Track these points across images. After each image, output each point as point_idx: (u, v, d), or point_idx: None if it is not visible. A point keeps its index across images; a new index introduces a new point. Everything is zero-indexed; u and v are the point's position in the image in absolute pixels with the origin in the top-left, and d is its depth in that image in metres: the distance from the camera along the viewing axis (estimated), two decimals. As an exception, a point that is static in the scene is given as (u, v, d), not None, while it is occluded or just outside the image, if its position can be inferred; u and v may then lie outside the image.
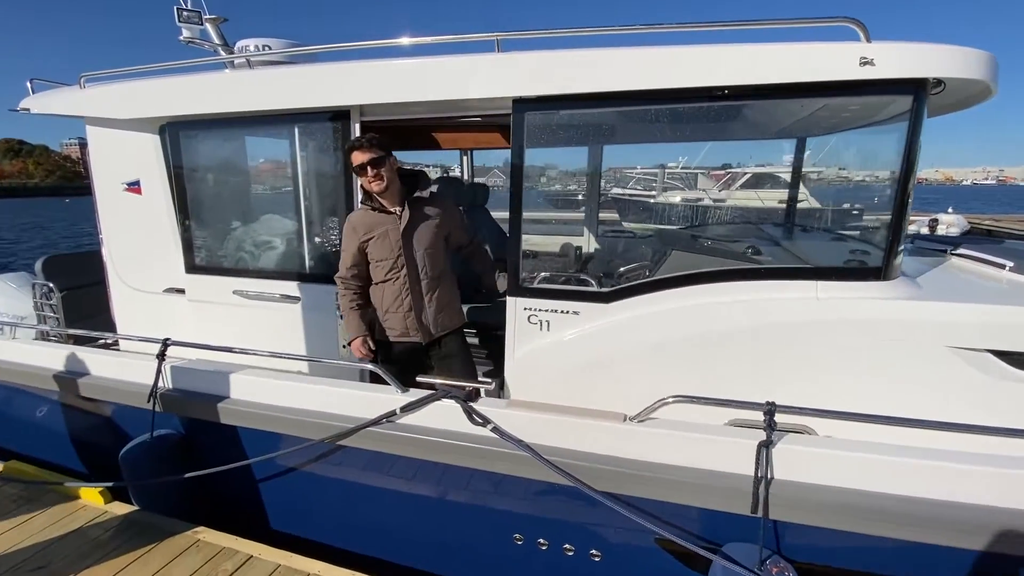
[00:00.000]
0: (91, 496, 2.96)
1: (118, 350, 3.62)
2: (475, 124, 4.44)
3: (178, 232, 3.45)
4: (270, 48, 3.36)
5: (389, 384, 2.40)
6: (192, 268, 3.42)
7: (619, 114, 2.63)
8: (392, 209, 2.57)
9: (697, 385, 2.38)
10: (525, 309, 2.70)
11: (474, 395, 2.22)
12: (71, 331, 3.38)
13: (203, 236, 3.43)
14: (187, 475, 2.69)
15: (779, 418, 1.87)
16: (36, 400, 3.39)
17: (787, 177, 4.01)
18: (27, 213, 41.42)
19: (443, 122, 3.25)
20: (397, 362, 2.64)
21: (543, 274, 2.79)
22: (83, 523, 2.78)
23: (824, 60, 2.07)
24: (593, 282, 2.71)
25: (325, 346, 3.16)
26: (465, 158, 5.32)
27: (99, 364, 3.05)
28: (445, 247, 2.71)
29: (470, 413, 2.15)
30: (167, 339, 2.83)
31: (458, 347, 2.76)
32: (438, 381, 2.27)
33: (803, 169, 3.73)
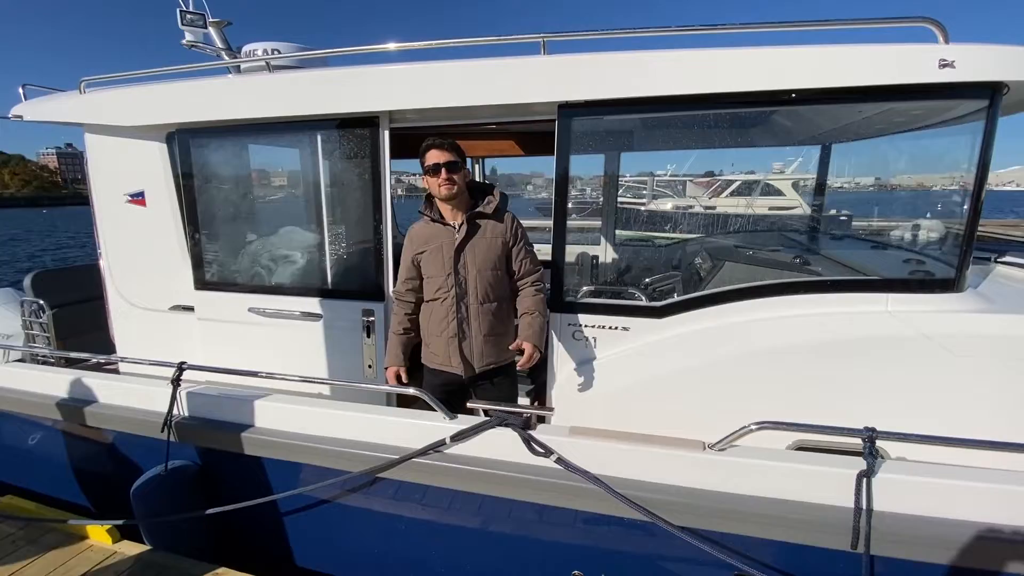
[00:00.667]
0: (99, 535, 2.72)
1: (116, 372, 3.38)
2: (489, 132, 4.31)
3: (187, 246, 3.24)
4: (280, 52, 3.19)
5: (435, 411, 2.22)
6: (202, 284, 3.21)
7: (675, 120, 2.51)
8: (451, 222, 2.37)
9: (763, 406, 2.26)
10: (570, 325, 2.56)
11: (531, 422, 2.06)
12: (73, 355, 3.12)
13: (215, 250, 3.22)
14: (209, 511, 2.47)
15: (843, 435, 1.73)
16: (37, 429, 3.13)
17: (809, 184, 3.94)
18: (3, 225, 40.10)
19: (471, 129, 3.09)
20: (437, 393, 2.39)
21: (587, 288, 2.65)
22: (90, 566, 2.54)
23: (902, 62, 1.97)
24: (642, 296, 2.58)
25: (348, 366, 2.97)
26: (477, 166, 5.16)
27: (107, 390, 2.82)
28: (505, 271, 2.41)
29: (530, 442, 1.99)
30: (183, 363, 2.61)
31: (507, 388, 2.48)
32: (491, 406, 2.10)
33: (833, 176, 3.66)
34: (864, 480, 1.66)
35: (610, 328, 2.53)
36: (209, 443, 2.62)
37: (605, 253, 4.73)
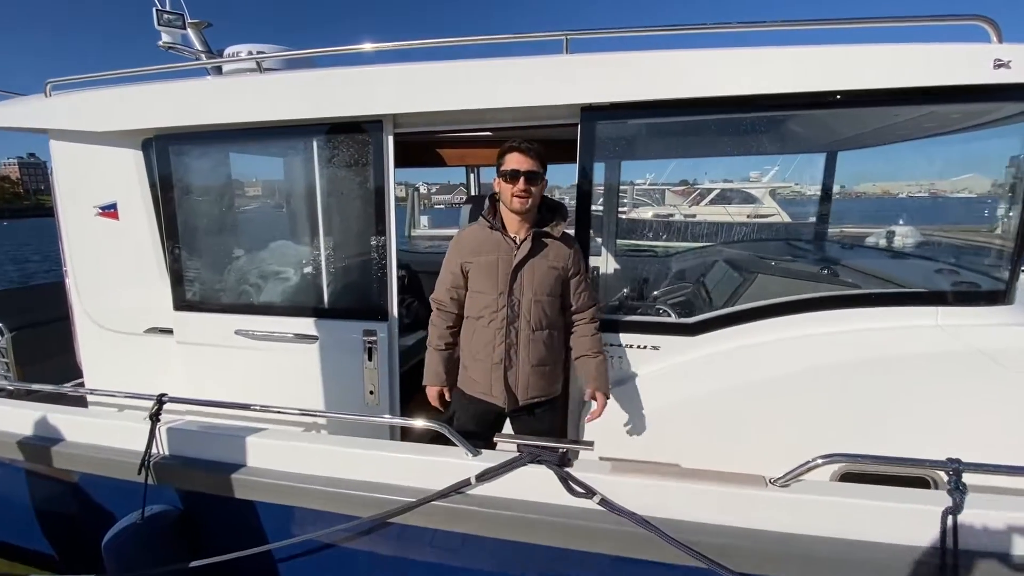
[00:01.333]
0: (64, 593, 2.40)
1: (83, 404, 3.04)
2: (484, 139, 4.11)
3: (165, 263, 2.95)
4: (265, 53, 2.95)
5: (456, 445, 1.99)
6: (183, 305, 2.92)
7: (709, 123, 2.35)
8: (512, 234, 2.12)
9: (808, 428, 2.10)
10: None
11: (567, 458, 1.84)
12: (36, 387, 2.78)
13: (197, 267, 2.93)
14: (194, 563, 2.18)
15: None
16: None
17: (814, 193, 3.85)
18: (-40, 239, 38.03)
19: (481, 135, 2.89)
20: (470, 423, 2.19)
21: (611, 303, 2.46)
22: (54, 631, 2.22)
23: (955, 62, 1.85)
24: (671, 312, 2.40)
25: (347, 392, 2.71)
26: (472, 175, 4.97)
27: (75, 426, 2.50)
28: (560, 299, 2.18)
29: (568, 481, 1.77)
30: (163, 395, 2.32)
31: (549, 420, 2.25)
32: (522, 441, 1.87)
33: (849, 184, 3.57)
34: (950, 517, 1.50)
35: (638, 347, 2.35)
36: (193, 485, 2.32)
37: (606, 264, 4.57)
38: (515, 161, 2.04)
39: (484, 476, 1.86)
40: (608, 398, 2.15)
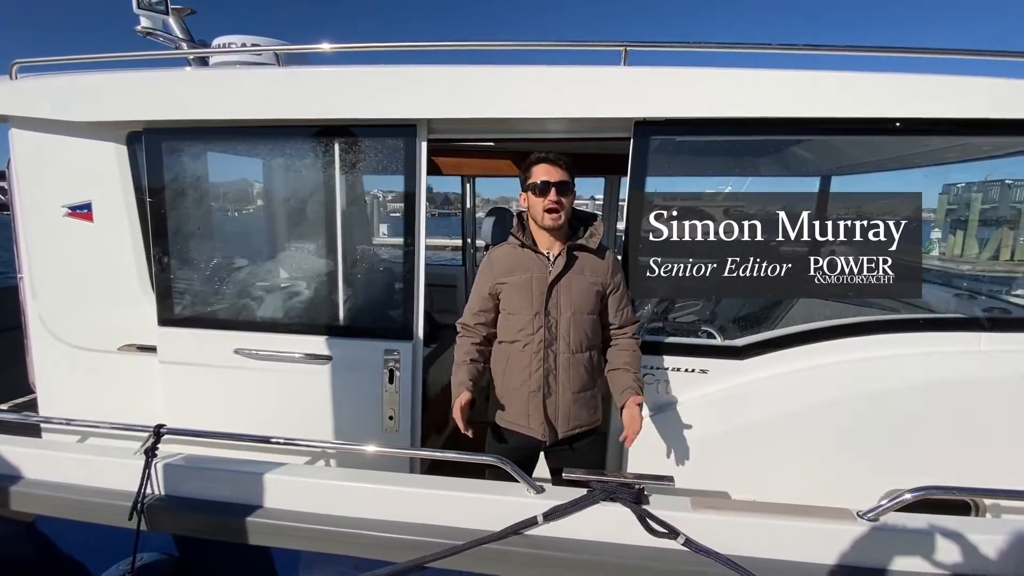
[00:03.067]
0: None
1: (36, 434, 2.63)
2: (484, 149, 3.98)
3: (149, 272, 2.61)
4: (259, 47, 2.71)
5: (517, 481, 1.81)
6: (170, 319, 2.58)
7: (765, 144, 2.33)
8: (544, 251, 1.98)
9: (863, 456, 2.08)
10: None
11: (643, 495, 1.71)
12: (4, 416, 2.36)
13: (190, 278, 2.61)
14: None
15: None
16: None
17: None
18: None
19: (514, 144, 2.75)
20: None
21: (656, 324, 2.38)
22: None
23: (1017, 96, 1.90)
24: (716, 334, 2.34)
25: (362, 418, 2.48)
26: (468, 185, 4.80)
27: (48, 463, 2.13)
28: (600, 316, 2.04)
29: (646, 519, 1.64)
30: (160, 426, 2.01)
31: (591, 455, 2.06)
32: (593, 477, 1.73)
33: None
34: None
35: (686, 371, 2.26)
36: (194, 531, 2.02)
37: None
38: (544, 172, 1.92)
39: (552, 514, 1.70)
40: (642, 409, 1.94)
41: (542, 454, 2.09)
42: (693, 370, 2.26)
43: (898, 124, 1.99)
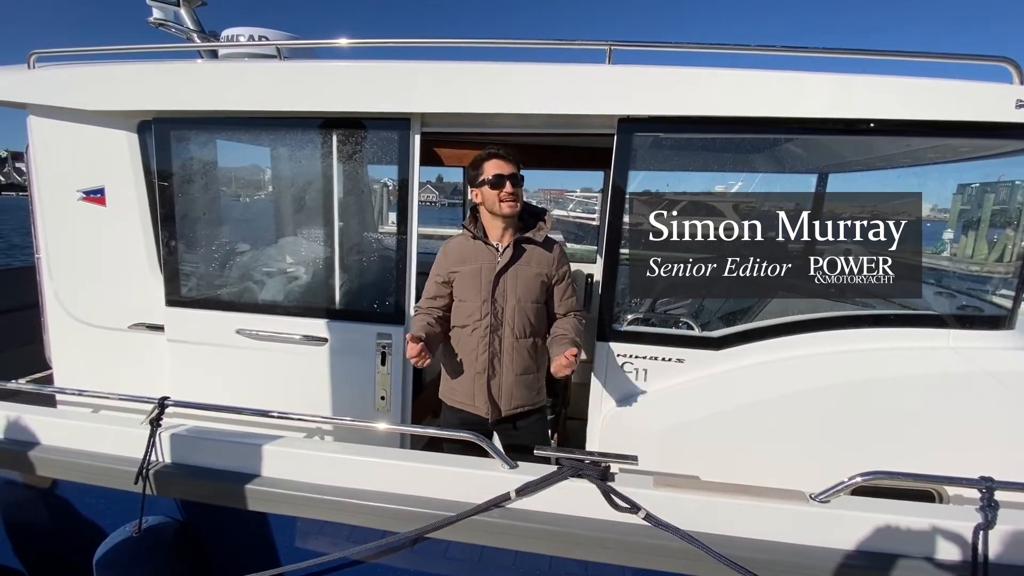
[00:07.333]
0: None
1: (52, 404, 2.79)
2: (485, 142, 4.06)
3: (158, 255, 2.75)
4: (267, 39, 2.81)
5: (492, 456, 1.94)
6: (176, 300, 2.73)
7: (743, 142, 2.40)
8: (494, 242, 2.14)
9: (830, 445, 2.18)
10: (619, 356, 2.38)
11: (609, 472, 1.83)
12: (13, 385, 2.52)
13: (196, 261, 2.75)
14: (201, 582, 2.03)
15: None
16: None
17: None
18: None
19: (513, 138, 2.84)
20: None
21: (635, 316, 2.47)
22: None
23: (982, 100, 1.96)
24: (694, 325, 2.43)
25: (356, 397, 2.61)
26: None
27: (61, 430, 2.29)
28: (545, 306, 2.22)
29: (611, 495, 1.76)
30: (164, 398, 2.15)
31: (534, 433, 2.26)
32: (563, 454, 1.84)
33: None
34: (982, 533, 1.58)
35: (663, 360, 2.36)
36: (196, 496, 2.17)
37: (600, 272, 4.60)
38: (496, 167, 2.08)
39: (524, 490, 1.82)
40: (580, 352, 2.04)
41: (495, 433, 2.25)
42: (670, 359, 2.36)
43: (872, 125, 2.06)
